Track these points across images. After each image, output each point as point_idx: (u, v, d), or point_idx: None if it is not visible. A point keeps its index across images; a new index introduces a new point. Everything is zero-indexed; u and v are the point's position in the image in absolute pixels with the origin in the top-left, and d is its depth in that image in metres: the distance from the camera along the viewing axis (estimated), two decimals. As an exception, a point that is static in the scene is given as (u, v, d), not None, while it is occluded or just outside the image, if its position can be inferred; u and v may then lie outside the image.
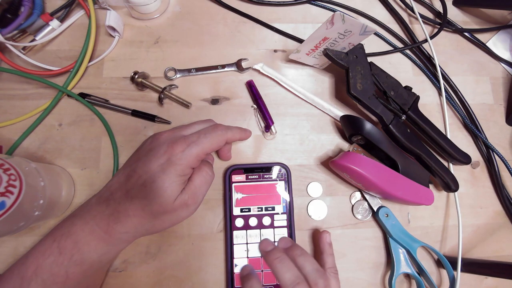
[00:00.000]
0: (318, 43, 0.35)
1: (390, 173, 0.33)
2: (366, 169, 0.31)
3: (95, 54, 0.39)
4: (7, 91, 0.37)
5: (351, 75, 0.35)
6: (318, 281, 0.27)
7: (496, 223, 0.38)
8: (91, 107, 0.37)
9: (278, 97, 0.39)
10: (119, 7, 0.40)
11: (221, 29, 0.41)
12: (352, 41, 0.34)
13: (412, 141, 0.35)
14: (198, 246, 0.34)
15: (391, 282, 0.34)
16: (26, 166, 0.28)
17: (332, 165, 0.35)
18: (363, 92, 0.35)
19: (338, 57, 0.35)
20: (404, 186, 0.33)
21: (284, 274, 0.27)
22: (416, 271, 0.34)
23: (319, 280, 0.27)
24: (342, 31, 0.32)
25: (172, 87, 0.38)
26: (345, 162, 0.32)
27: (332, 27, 0.32)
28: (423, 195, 0.34)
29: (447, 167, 0.36)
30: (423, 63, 0.42)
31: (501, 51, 0.43)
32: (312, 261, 0.28)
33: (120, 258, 0.34)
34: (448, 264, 0.34)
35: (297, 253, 0.29)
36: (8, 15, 0.36)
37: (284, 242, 0.31)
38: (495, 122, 0.41)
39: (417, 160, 0.36)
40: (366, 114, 0.39)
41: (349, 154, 0.33)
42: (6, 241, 0.33)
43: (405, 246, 0.34)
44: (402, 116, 0.36)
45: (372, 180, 0.31)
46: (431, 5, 0.44)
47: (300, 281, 0.26)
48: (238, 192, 0.35)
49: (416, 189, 0.34)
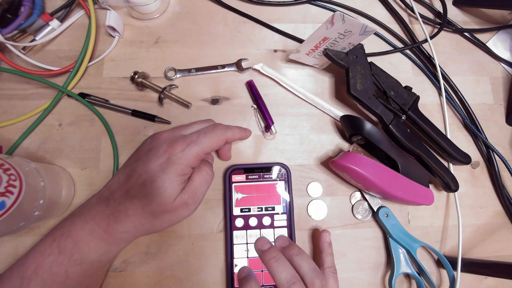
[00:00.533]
0: (318, 43, 0.35)
1: (390, 173, 0.33)
2: (366, 169, 0.31)
3: (95, 54, 0.39)
4: (7, 91, 0.37)
5: (351, 75, 0.35)
6: (314, 281, 0.27)
7: (496, 223, 0.38)
8: (91, 107, 0.37)
9: (278, 97, 0.39)
10: (119, 7, 0.40)
11: (221, 29, 0.41)
12: (352, 41, 0.34)
13: (412, 141, 0.35)
14: (198, 246, 0.34)
15: (391, 282, 0.34)
16: (26, 166, 0.28)
17: (332, 165, 0.35)
18: (363, 92, 0.35)
19: (338, 57, 0.35)
20: (404, 186, 0.33)
21: (280, 274, 0.27)
22: (416, 271, 0.34)
23: (316, 279, 0.27)
24: (342, 31, 0.32)
25: (172, 87, 0.38)
26: (345, 162, 0.32)
27: (332, 27, 0.32)
28: (423, 195, 0.34)
29: (447, 167, 0.36)
30: (423, 63, 0.42)
31: (501, 51, 0.43)
32: (309, 261, 0.28)
33: (120, 258, 0.34)
34: (448, 264, 0.34)
35: (294, 252, 0.29)
36: (8, 15, 0.36)
37: (281, 241, 0.31)
38: (495, 122, 0.41)
39: (417, 160, 0.36)
40: (366, 114, 0.39)
41: (349, 154, 0.33)
42: (6, 241, 0.33)
43: (405, 246, 0.34)
44: (402, 116, 0.36)
45: (372, 180, 0.31)
46: (431, 5, 0.44)
47: (296, 280, 0.26)
48: (238, 192, 0.35)
49: (416, 189, 0.34)
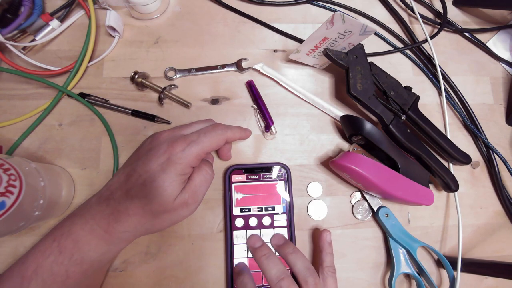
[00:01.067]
0: (318, 43, 0.35)
1: (390, 173, 0.33)
2: (366, 169, 0.31)
3: (95, 54, 0.39)
4: (7, 91, 0.37)
5: (351, 75, 0.35)
6: (308, 279, 0.27)
7: (496, 223, 0.38)
8: (91, 107, 0.37)
9: (278, 97, 0.39)
10: (119, 7, 0.40)
11: (221, 29, 0.41)
12: (352, 41, 0.34)
13: (412, 141, 0.35)
14: (198, 246, 0.34)
15: (391, 282, 0.34)
16: (26, 166, 0.28)
17: (332, 165, 0.35)
18: (363, 92, 0.35)
19: (338, 57, 0.35)
20: (404, 186, 0.33)
21: (270, 270, 0.27)
22: (416, 271, 0.34)
23: (309, 278, 0.27)
24: (342, 31, 0.32)
25: (172, 87, 0.38)
26: (345, 162, 0.32)
27: (332, 27, 0.32)
28: (423, 195, 0.34)
29: (447, 167, 0.36)
30: (423, 63, 0.42)
31: (501, 51, 0.43)
32: (304, 259, 0.28)
33: (120, 258, 0.34)
34: (448, 264, 0.34)
35: (289, 251, 0.29)
36: (8, 15, 0.36)
37: (276, 239, 0.31)
38: (495, 122, 0.41)
39: (417, 160, 0.36)
40: (366, 114, 0.39)
41: (349, 154, 0.33)
42: (6, 241, 0.33)
43: (405, 246, 0.34)
44: (402, 116, 0.36)
45: (372, 180, 0.31)
46: (431, 5, 0.44)
47: (285, 276, 0.26)
48: (238, 192, 0.35)
49: (416, 189, 0.34)
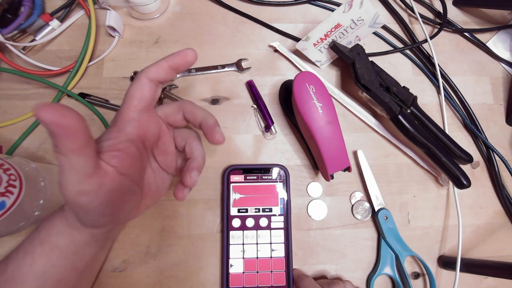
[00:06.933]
0: (329, 30, 0.36)
1: (329, 115, 0.31)
2: (306, 96, 0.30)
3: (95, 54, 0.39)
4: (7, 91, 0.37)
5: (358, 66, 0.35)
6: None
7: (496, 223, 0.38)
8: (91, 107, 0.37)
9: (278, 97, 0.39)
10: (119, 7, 0.40)
11: (221, 29, 0.41)
12: (360, 34, 0.36)
13: (421, 132, 0.34)
14: (198, 246, 0.34)
15: (370, 280, 0.34)
16: (26, 166, 0.28)
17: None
18: (370, 82, 0.35)
19: (345, 50, 0.36)
20: (331, 138, 0.31)
21: None
22: (398, 276, 0.35)
23: None
24: (356, 18, 0.34)
25: (172, 87, 0.38)
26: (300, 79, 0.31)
27: (349, 10, 0.33)
28: (338, 157, 0.31)
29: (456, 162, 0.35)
30: (423, 63, 0.42)
31: (501, 51, 0.43)
32: None
33: (120, 258, 0.34)
34: (433, 276, 0.34)
35: None
36: (8, 15, 0.36)
37: None
38: (495, 122, 0.41)
39: (426, 153, 0.35)
40: (372, 107, 0.39)
41: (306, 73, 0.32)
42: (6, 241, 0.33)
43: (395, 252, 0.35)
44: (407, 109, 0.35)
45: (301, 110, 0.30)
46: (431, 5, 0.44)
47: None
48: (236, 192, 0.35)
49: (338, 150, 0.31)
